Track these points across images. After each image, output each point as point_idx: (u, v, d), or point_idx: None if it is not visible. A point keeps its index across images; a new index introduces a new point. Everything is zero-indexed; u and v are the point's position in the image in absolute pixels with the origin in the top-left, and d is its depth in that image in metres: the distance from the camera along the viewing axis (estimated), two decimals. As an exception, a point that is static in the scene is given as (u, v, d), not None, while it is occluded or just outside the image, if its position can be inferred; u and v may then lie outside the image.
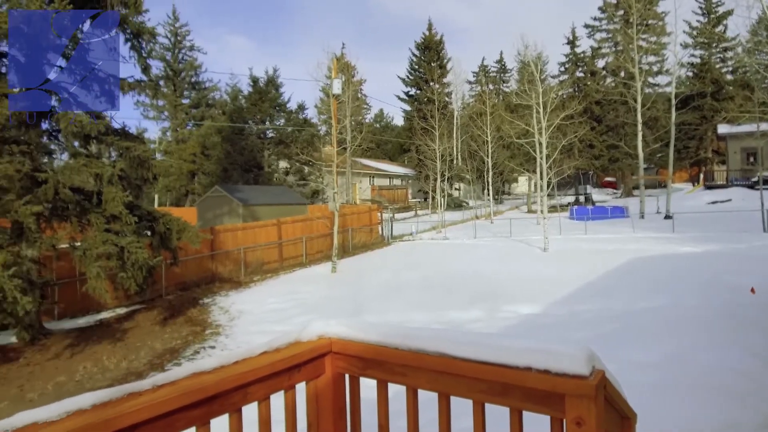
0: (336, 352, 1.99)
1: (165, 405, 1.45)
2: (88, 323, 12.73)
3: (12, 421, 1.23)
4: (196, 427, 1.58)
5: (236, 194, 24.45)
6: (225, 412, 1.66)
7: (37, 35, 9.55)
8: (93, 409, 1.33)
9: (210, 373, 1.62)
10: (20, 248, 10.05)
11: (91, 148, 11.73)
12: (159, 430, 1.45)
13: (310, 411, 2.00)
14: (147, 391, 1.46)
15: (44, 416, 1.26)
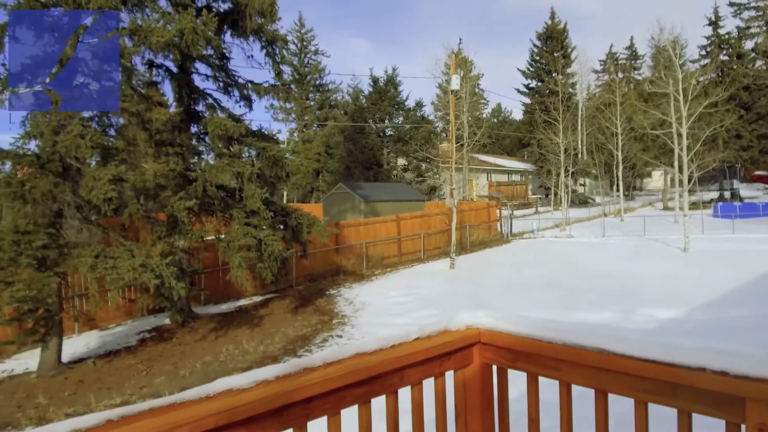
0: (484, 342, 2.00)
1: (334, 381, 1.56)
2: (229, 309, 13.93)
3: (213, 386, 1.40)
4: (358, 405, 1.68)
5: (358, 191, 25.32)
6: (383, 393, 1.75)
7: (188, 47, 10.60)
8: (276, 381, 1.48)
9: (371, 354, 1.71)
10: (174, 240, 11.26)
11: (233, 149, 12.80)
12: (330, 404, 1.57)
13: (457, 399, 2.04)
14: (319, 367, 1.58)
15: (237, 383, 1.42)
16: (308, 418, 1.53)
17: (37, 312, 9.40)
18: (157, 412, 1.25)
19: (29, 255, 8.74)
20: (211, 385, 1.40)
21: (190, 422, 1.24)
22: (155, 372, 9.63)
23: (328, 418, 1.60)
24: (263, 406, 1.39)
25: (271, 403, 1.41)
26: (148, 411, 1.25)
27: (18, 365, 10.58)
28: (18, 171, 9.87)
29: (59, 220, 9.85)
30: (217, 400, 1.35)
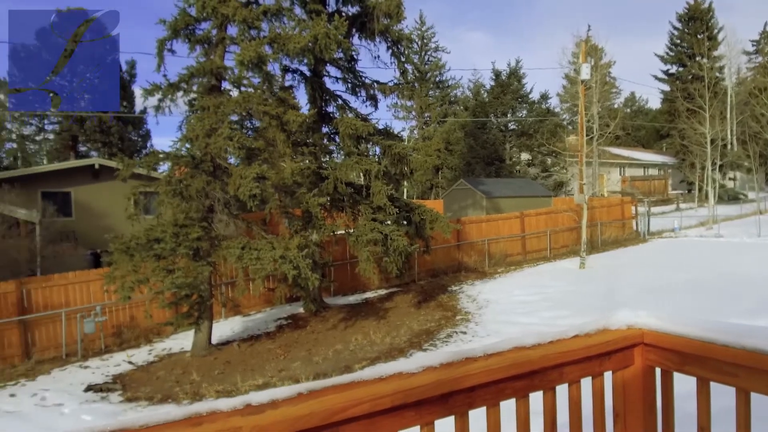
0: (648, 343, 1.90)
1: (495, 373, 1.58)
2: (356, 301, 14.50)
3: (385, 368, 1.48)
4: (516, 398, 1.68)
5: (480, 187, 25.00)
6: (541, 388, 1.74)
7: (321, 51, 11.17)
8: (441, 368, 1.53)
9: (530, 349, 1.70)
10: (308, 233, 11.95)
11: (360, 147, 13.28)
12: (490, 395, 1.59)
13: (616, 401, 1.96)
14: (480, 358, 1.61)
15: (406, 368, 1.49)
16: (471, 407, 1.56)
17: (192, 297, 10.51)
18: (340, 389, 1.35)
19: (186, 246, 9.79)
20: (383, 367, 1.48)
21: (370, 400, 1.33)
22: (292, 357, 10.32)
23: (487, 408, 1.62)
24: (431, 391, 1.44)
25: (439, 389, 1.46)
26: (331, 387, 1.36)
27: (175, 344, 11.90)
28: (175, 171, 11.08)
29: (210, 215, 10.90)
30: (390, 382, 1.42)
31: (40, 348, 11.46)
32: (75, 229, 19.53)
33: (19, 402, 8.96)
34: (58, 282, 11.80)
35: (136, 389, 9.22)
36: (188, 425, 1.17)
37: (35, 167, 26.21)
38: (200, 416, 1.20)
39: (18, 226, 15.94)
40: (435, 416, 1.50)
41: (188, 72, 11.10)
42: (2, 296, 11.13)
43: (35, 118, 35.83)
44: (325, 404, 1.28)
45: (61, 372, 10.50)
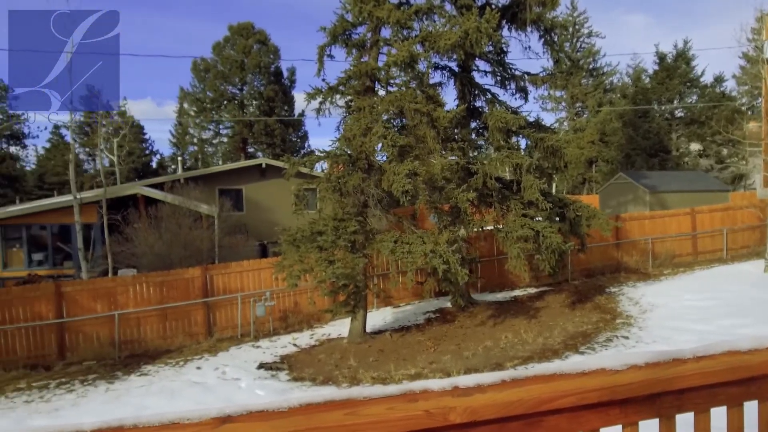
0: None
1: (707, 377, 1.47)
2: (504, 298, 14.24)
3: (587, 362, 1.45)
4: (727, 406, 1.55)
5: (642, 181, 23.03)
6: (758, 398, 1.58)
7: (472, 45, 11.11)
8: (646, 367, 1.46)
9: (747, 353, 1.55)
10: (456, 229, 12.00)
11: (510, 141, 12.98)
12: (701, 400, 1.48)
13: None
14: (689, 360, 1.50)
15: (610, 365, 1.44)
16: (679, 411, 1.47)
17: (349, 287, 11.13)
18: (543, 380, 1.36)
19: (345, 239, 10.39)
20: (585, 361, 1.46)
21: (575, 393, 1.32)
22: (441, 350, 10.46)
23: (695, 414, 1.52)
24: (638, 390, 1.39)
25: (646, 389, 1.40)
26: (533, 377, 1.37)
27: (333, 331, 12.70)
28: (334, 169, 11.81)
29: (365, 210, 11.44)
30: (594, 377, 1.40)
31: (220, 327, 12.97)
32: (246, 222, 21.69)
33: (204, 374, 10.24)
34: (235, 269, 13.26)
35: (300, 370, 10.03)
36: (405, 400, 1.26)
37: (213, 167, 29.63)
38: (414, 393, 1.28)
39: (201, 219, 18.14)
40: (640, 416, 1.44)
41: (346, 75, 11.73)
42: (191, 280, 12.80)
43: (212, 123, 40.49)
44: (532, 393, 1.30)
45: (237, 350, 11.78)
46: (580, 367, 1.45)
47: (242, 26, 38.24)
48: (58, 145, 43.94)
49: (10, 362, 11.35)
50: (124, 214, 16.71)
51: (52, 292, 11.84)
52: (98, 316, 12.04)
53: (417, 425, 1.22)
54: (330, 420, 1.19)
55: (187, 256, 15.95)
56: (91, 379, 10.29)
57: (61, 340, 11.85)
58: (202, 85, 39.10)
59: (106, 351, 11.76)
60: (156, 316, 12.50)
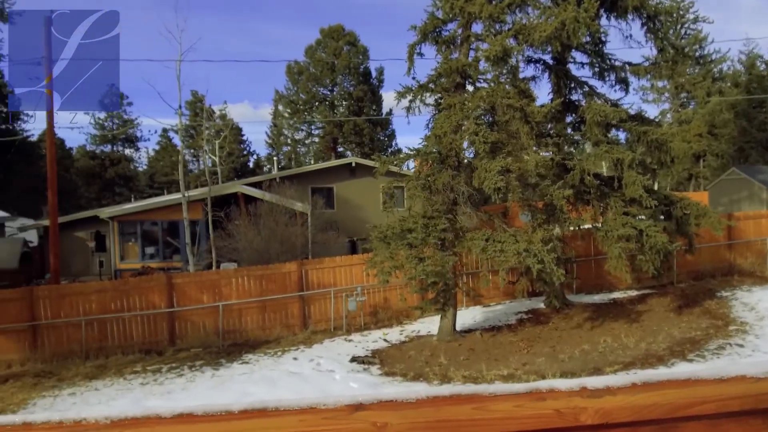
0: None
1: None
2: (602, 300, 13.60)
3: (726, 369, 1.37)
4: None
5: (759, 176, 21.08)
6: None
7: (569, 37, 10.69)
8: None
9: None
10: (551, 227, 11.61)
11: (609, 136, 12.36)
12: None
13: None
14: None
15: (751, 372, 1.35)
16: (833, 428, 1.35)
17: (438, 285, 11.12)
18: (677, 384, 1.30)
19: (435, 236, 10.41)
20: (723, 368, 1.38)
21: (715, 400, 1.25)
22: (535, 352, 10.19)
23: None
24: (788, 401, 1.29)
25: (795, 400, 1.30)
26: (667, 382, 1.31)
27: (422, 328, 12.75)
28: (423, 166, 11.84)
29: (454, 208, 11.38)
30: (734, 384, 1.31)
31: (314, 320, 13.44)
32: (336, 219, 22.29)
33: (300, 365, 10.66)
34: (328, 265, 13.68)
35: (391, 365, 10.17)
36: (532, 399, 1.25)
37: (305, 167, 30.74)
38: (542, 392, 1.27)
39: (295, 216, 18.88)
40: (787, 429, 1.33)
41: (436, 72, 11.72)
42: (288, 274, 13.38)
43: (305, 124, 42.00)
44: (668, 398, 1.25)
45: (331, 342, 12.16)
46: (717, 373, 1.37)
47: (333, 29, 39.30)
48: (167, 147, 47.52)
49: (127, 347, 12.45)
50: (227, 211, 17.76)
51: (164, 283, 12.85)
52: (204, 306, 12.90)
53: (547, 424, 1.21)
54: (459, 413, 1.21)
55: (283, 252, 16.67)
56: (198, 365, 11.05)
57: (171, 328, 12.82)
58: (295, 88, 40.66)
59: (211, 339, 12.58)
60: (256, 307, 13.19)
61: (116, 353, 12.08)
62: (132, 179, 45.83)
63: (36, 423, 1.18)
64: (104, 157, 44.00)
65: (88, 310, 12.41)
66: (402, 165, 12.34)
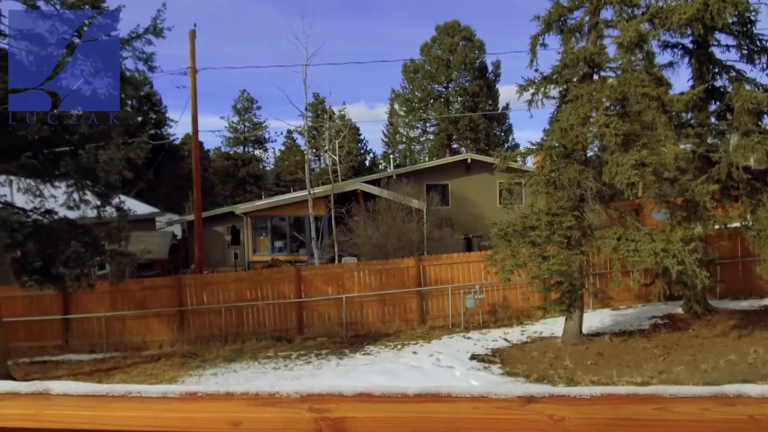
0: None
1: None
2: (751, 307, 12.23)
3: None
4: None
5: None
6: None
7: (712, 17, 9.74)
8: None
9: None
10: (691, 226, 10.66)
11: (761, 125, 11.07)
12: None
13: None
14: None
15: None
16: None
17: (563, 285, 10.69)
18: None
19: (560, 234, 10.01)
20: None
21: None
22: (672, 360, 9.43)
23: None
24: None
25: None
26: None
27: (544, 329, 12.34)
28: (546, 161, 11.40)
29: (581, 204, 10.85)
30: None
31: (432, 316, 13.55)
32: (451, 216, 22.24)
33: (419, 360, 10.81)
34: (446, 261, 13.72)
35: (513, 365, 9.97)
36: (719, 403, 1.17)
37: (421, 164, 30.99)
38: (729, 397, 1.19)
39: (411, 213, 19.12)
40: None
41: (561, 63, 11.25)
42: (406, 270, 13.61)
43: (420, 121, 42.35)
44: None
45: (449, 339, 12.18)
46: None
47: (448, 25, 39.17)
48: (291, 147, 50.38)
49: (260, 333, 13.42)
50: (347, 208, 18.47)
51: (293, 275, 13.68)
52: (329, 298, 13.54)
53: (739, 430, 1.14)
54: (639, 413, 1.17)
55: (400, 247, 16.98)
56: (324, 353, 11.64)
57: (299, 317, 13.62)
58: (411, 86, 41.12)
59: (335, 329, 13.18)
60: (376, 301, 13.59)
61: (251, 339, 13.08)
62: (261, 178, 49.18)
63: (236, 393, 1.32)
64: (237, 158, 47.68)
65: (227, 298, 13.57)
66: (524, 160, 12.01)
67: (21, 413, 1.17)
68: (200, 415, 1.20)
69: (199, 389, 1.35)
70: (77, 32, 10.80)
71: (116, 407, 1.19)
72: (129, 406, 1.21)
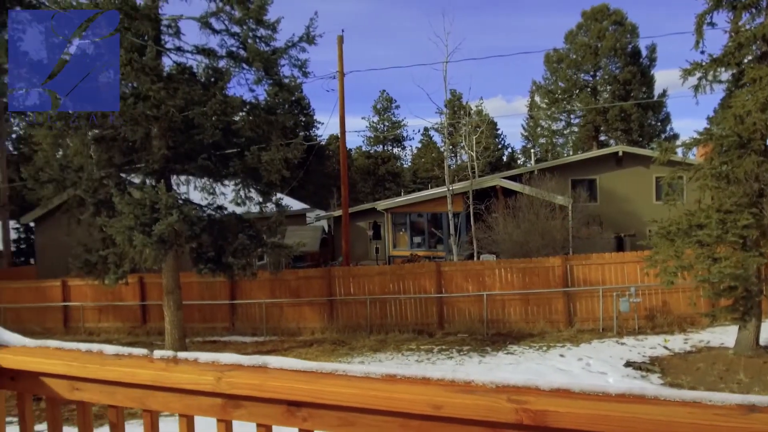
0: None
1: None
2: None
3: None
4: None
5: None
6: None
7: None
8: None
9: None
10: None
11: None
12: None
13: None
14: None
15: None
16: None
17: (737, 290, 9.53)
18: None
19: (734, 234, 8.93)
20: None
21: None
22: None
23: None
24: None
25: None
26: None
27: (712, 338, 11.12)
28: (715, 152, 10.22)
29: (760, 200, 9.59)
30: None
31: (580, 319, 12.87)
32: (599, 213, 20.92)
33: (567, 363, 10.33)
34: (596, 261, 12.93)
35: (675, 375, 9.12)
36: None
37: (565, 158, 29.53)
38: None
39: (555, 210, 18.31)
40: None
41: (734, 42, 10.05)
42: (551, 269, 13.08)
43: (564, 113, 40.34)
44: None
45: (600, 344, 11.48)
46: None
47: (596, 10, 36.76)
48: (428, 145, 50.93)
49: (402, 326, 13.78)
50: (486, 204, 18.22)
51: (434, 270, 13.84)
52: (469, 294, 13.49)
53: None
54: None
55: (543, 245, 16.35)
56: (465, 350, 11.62)
57: (440, 312, 13.75)
58: (554, 77, 39.32)
59: (475, 326, 13.10)
60: (518, 300, 13.25)
61: (393, 331, 13.50)
62: (399, 175, 50.41)
63: (432, 379, 1.38)
64: (377, 156, 49.39)
65: (371, 290, 14.14)
66: (686, 152, 10.89)
67: (247, 383, 1.34)
68: (401, 395, 1.28)
69: (398, 372, 1.44)
70: (242, 44, 11.97)
71: (327, 383, 1.32)
72: (338, 383, 1.33)
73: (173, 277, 11.67)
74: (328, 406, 1.31)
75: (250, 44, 11.45)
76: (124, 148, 11.30)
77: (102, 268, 10.79)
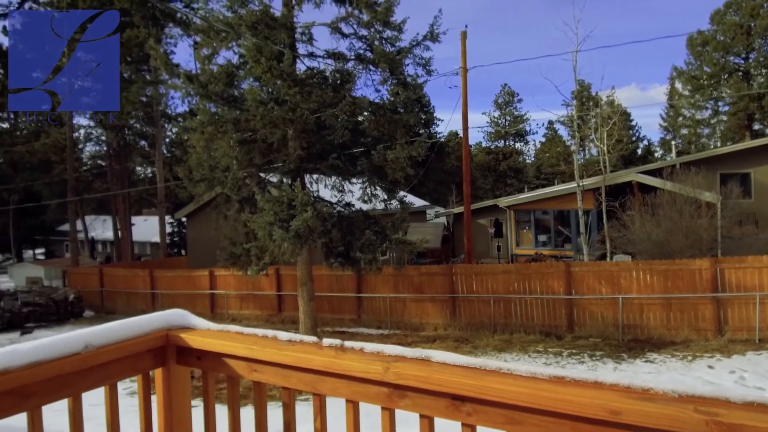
0: None
1: None
2: None
3: None
4: None
5: None
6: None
7: None
8: None
9: None
10: None
11: None
12: None
13: None
14: None
15: None
16: None
17: None
18: None
19: None
20: None
21: None
22: None
23: None
24: None
25: None
26: None
27: None
28: None
29: None
30: None
31: (732, 327, 11.58)
32: (754, 211, 18.71)
33: (717, 375, 9.36)
34: (752, 264, 11.55)
35: None
36: None
37: (712, 150, 26.71)
38: None
39: (701, 207, 16.63)
40: None
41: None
42: (698, 272, 11.90)
43: (710, 101, 36.48)
44: None
45: (756, 356, 10.26)
46: None
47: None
48: (552, 138, 48.84)
49: (528, 326, 13.35)
50: (621, 201, 17.03)
51: (563, 270, 13.23)
52: (602, 297, 12.72)
53: None
54: None
55: (687, 246, 14.92)
56: (598, 355, 10.99)
57: (570, 315, 13.12)
58: (698, 61, 35.70)
59: (609, 331, 12.32)
60: (659, 304, 12.23)
61: (519, 331, 13.14)
62: (521, 171, 48.92)
63: (605, 383, 1.32)
64: (498, 152, 48.36)
65: (495, 289, 13.87)
66: None
67: (413, 374, 1.38)
68: (574, 398, 1.24)
69: (567, 374, 1.40)
70: (369, 47, 12.34)
71: (492, 380, 1.32)
72: (504, 381, 1.32)
73: (307, 269, 12.37)
74: (493, 402, 1.31)
75: (377, 46, 11.77)
76: (263, 150, 12.18)
77: (245, 260, 11.74)
